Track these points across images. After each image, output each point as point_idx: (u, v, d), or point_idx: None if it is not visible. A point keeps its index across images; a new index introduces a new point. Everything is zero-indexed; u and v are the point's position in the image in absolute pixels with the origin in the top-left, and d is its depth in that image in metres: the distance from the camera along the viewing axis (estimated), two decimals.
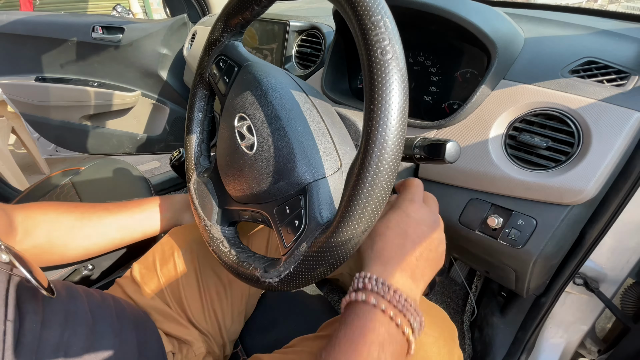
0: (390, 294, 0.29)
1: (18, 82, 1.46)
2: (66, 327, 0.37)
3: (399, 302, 0.29)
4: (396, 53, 0.27)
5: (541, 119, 0.47)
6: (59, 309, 0.38)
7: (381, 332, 0.28)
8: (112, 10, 2.15)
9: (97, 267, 0.83)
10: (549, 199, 0.45)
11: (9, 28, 1.34)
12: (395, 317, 0.29)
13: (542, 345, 0.77)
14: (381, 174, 0.28)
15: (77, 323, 0.39)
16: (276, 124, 0.40)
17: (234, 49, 0.49)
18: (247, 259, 0.43)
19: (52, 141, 1.65)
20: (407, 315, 0.29)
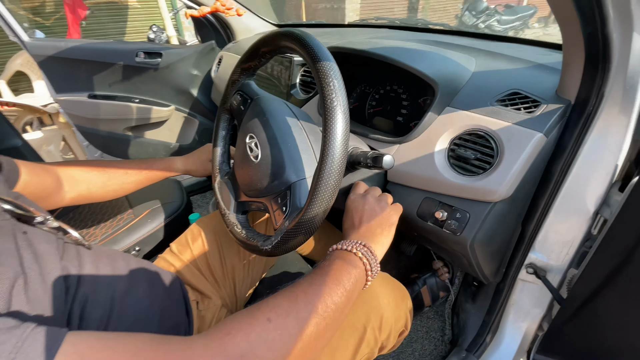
0: (356, 244, 0.49)
1: (74, 99, 1.73)
2: (113, 274, 0.52)
3: (361, 247, 0.48)
4: (339, 102, 0.44)
5: (473, 137, 0.62)
6: (106, 263, 0.53)
7: (347, 258, 0.46)
8: (149, 29, 2.45)
9: (142, 250, 1.04)
10: (477, 197, 0.60)
11: (68, 53, 1.60)
12: (357, 252, 0.47)
13: (505, 327, 0.90)
14: (331, 177, 0.45)
15: (118, 276, 0.53)
16: (273, 142, 0.58)
17: (248, 86, 0.68)
18: (253, 236, 0.61)
19: (100, 148, 1.92)
20: (368, 258, 0.47)
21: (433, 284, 1.13)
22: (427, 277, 1.16)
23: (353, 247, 0.48)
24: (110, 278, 0.52)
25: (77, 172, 0.69)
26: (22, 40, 1.65)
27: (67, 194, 0.67)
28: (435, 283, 1.14)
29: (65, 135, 2.52)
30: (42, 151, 2.27)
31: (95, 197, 0.72)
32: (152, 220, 1.10)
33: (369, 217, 0.54)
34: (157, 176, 0.80)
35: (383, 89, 0.82)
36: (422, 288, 1.14)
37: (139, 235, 1.04)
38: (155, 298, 0.57)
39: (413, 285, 1.15)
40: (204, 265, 0.76)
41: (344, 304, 0.43)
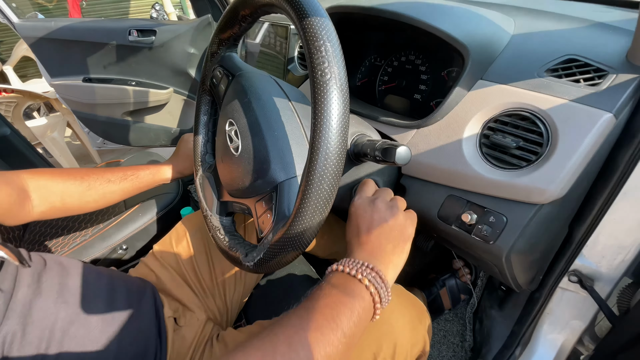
0: (362, 267, 0.37)
1: (69, 83, 1.65)
2: (58, 297, 0.44)
3: (369, 273, 0.36)
4: (334, 74, 0.32)
5: (514, 119, 0.48)
6: (53, 282, 0.45)
7: (349, 287, 0.35)
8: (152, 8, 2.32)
9: (130, 247, 0.96)
10: (517, 197, 0.47)
11: (59, 34, 1.50)
12: (363, 280, 0.36)
13: (538, 340, 0.78)
14: (324, 178, 0.33)
15: (64, 300, 0.45)
16: (256, 130, 0.45)
17: (229, 60, 0.55)
18: (236, 245, 0.50)
19: (100, 135, 1.84)
20: (377, 287, 0.36)
21: (453, 286, 1.01)
22: (446, 278, 1.04)
23: (358, 270, 0.37)
24: (53, 304, 0.43)
25: (48, 181, 0.58)
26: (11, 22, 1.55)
27: (35, 208, 0.56)
28: (455, 285, 1.02)
29: (69, 121, 2.46)
30: (46, 138, 2.22)
31: (72, 209, 0.62)
32: (144, 213, 1.01)
33: (379, 229, 0.42)
34: (145, 184, 0.70)
35: (397, 60, 0.68)
36: (440, 290, 1.03)
37: (128, 231, 0.96)
38: (114, 323, 0.47)
39: (431, 287, 1.04)
40: (190, 271, 0.66)
41: (342, 352, 0.32)
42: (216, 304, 0.67)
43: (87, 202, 0.63)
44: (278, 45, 0.91)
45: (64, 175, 0.61)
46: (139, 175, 0.69)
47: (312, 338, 0.30)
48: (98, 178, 0.64)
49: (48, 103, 2.65)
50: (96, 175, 0.64)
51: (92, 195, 0.63)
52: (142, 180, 0.69)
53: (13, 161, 1.30)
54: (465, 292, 1.02)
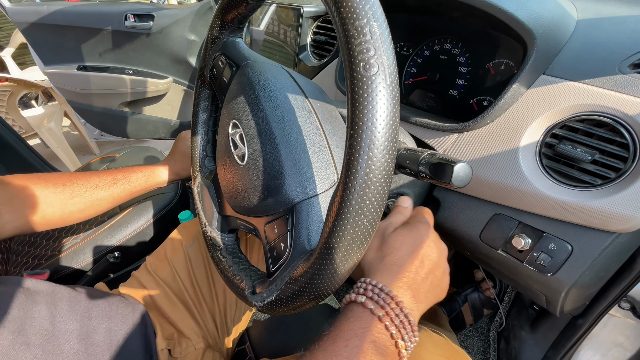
0: (392, 305, 0.28)
1: (62, 71, 1.56)
2: (18, 335, 0.37)
3: (398, 314, 0.28)
4: (383, 66, 0.22)
5: (587, 126, 0.38)
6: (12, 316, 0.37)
7: (368, 339, 0.27)
8: None
9: (124, 253, 0.88)
10: (590, 223, 0.38)
11: (51, 19, 1.40)
12: (390, 327, 0.28)
13: None
14: (365, 213, 0.24)
15: (33, 330, 0.38)
16: (266, 135, 0.36)
17: (233, 46, 0.46)
18: (240, 272, 0.41)
19: (96, 127, 1.76)
20: (401, 329, 0.28)
21: (476, 300, 0.92)
22: (468, 292, 0.95)
23: (385, 317, 0.28)
24: (10, 345, 0.35)
25: (23, 191, 0.49)
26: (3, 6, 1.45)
27: (8, 223, 0.47)
28: (478, 299, 0.93)
29: (67, 111, 2.38)
30: (43, 128, 2.14)
31: (53, 222, 0.52)
32: (139, 216, 0.93)
33: (429, 261, 0.33)
34: (138, 188, 0.61)
35: (429, 49, 0.58)
36: (462, 306, 0.94)
37: (122, 235, 0.88)
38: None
39: (452, 302, 0.95)
40: (188, 287, 0.58)
41: None
42: (216, 325, 0.59)
43: (72, 213, 0.54)
44: (285, 32, 0.81)
45: (41, 183, 0.52)
46: (131, 178, 0.60)
47: None
48: (83, 184, 0.55)
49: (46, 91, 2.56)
50: (81, 181, 0.55)
51: (77, 204, 0.54)
52: (135, 184, 0.60)
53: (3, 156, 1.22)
54: (489, 307, 0.93)
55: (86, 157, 2.49)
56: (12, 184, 0.49)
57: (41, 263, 0.86)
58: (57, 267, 0.84)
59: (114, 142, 2.58)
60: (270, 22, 0.93)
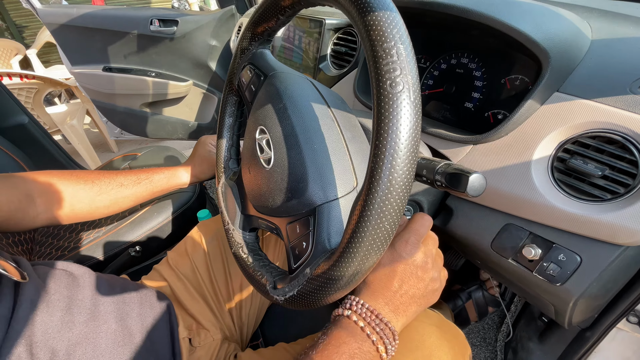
0: (371, 317, 0.34)
1: (89, 72, 1.62)
2: (65, 313, 0.40)
3: (378, 324, 0.34)
4: (408, 84, 0.25)
5: (598, 142, 0.40)
6: (60, 296, 0.41)
7: (354, 346, 0.33)
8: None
9: (144, 248, 0.92)
10: (598, 235, 0.39)
11: (80, 21, 1.47)
12: (371, 335, 0.33)
13: None
14: (384, 216, 0.26)
15: (78, 310, 0.41)
16: (292, 141, 0.39)
17: (262, 57, 0.49)
18: (261, 268, 0.44)
19: (118, 125, 1.83)
20: (382, 336, 0.33)
21: (480, 298, 0.94)
22: (472, 290, 0.97)
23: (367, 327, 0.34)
24: (59, 322, 0.38)
25: (56, 186, 0.53)
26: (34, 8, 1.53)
27: (41, 214, 0.51)
28: (482, 297, 0.95)
29: (89, 109, 2.46)
30: (65, 125, 2.22)
31: (80, 215, 0.57)
32: (159, 213, 0.97)
33: (405, 276, 0.37)
34: (159, 189, 0.65)
35: (446, 63, 0.60)
36: (466, 303, 0.95)
37: (142, 231, 0.92)
38: (125, 345, 0.42)
39: (455, 299, 0.97)
40: (207, 282, 0.61)
41: None
42: (233, 319, 0.61)
43: (98, 208, 0.59)
44: (301, 39, 0.84)
45: (73, 179, 0.56)
46: (153, 179, 0.64)
47: None
48: (110, 182, 0.59)
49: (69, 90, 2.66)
50: (108, 179, 0.60)
51: (103, 201, 0.59)
52: (157, 184, 0.65)
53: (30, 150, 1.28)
54: (494, 305, 0.94)
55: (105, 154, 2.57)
56: (47, 178, 0.53)
57: (64, 254, 0.90)
58: (79, 259, 0.88)
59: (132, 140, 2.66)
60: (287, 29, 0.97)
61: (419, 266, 0.37)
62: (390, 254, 0.37)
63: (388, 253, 0.37)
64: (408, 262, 0.37)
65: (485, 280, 0.97)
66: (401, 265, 0.36)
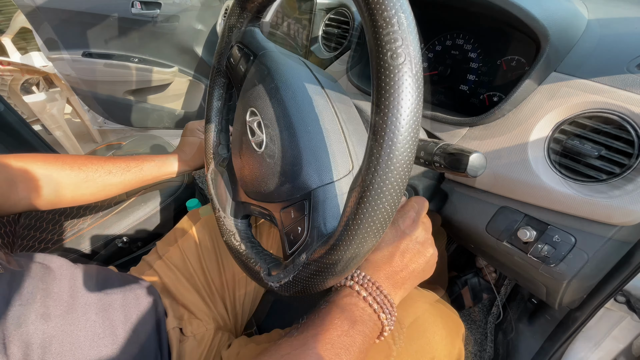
0: (372, 288, 0.35)
1: (67, 57, 1.55)
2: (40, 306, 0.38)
3: (378, 295, 0.34)
4: (410, 56, 0.23)
5: (595, 122, 0.40)
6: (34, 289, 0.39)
7: (356, 313, 0.33)
8: None
9: (131, 239, 0.89)
10: (593, 216, 0.39)
11: (57, 3, 1.39)
12: (372, 304, 0.34)
13: (569, 358, 0.72)
14: (385, 196, 0.25)
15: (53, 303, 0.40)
16: (285, 123, 0.37)
17: (251, 36, 0.46)
18: (255, 256, 0.42)
19: (100, 114, 1.76)
20: (381, 305, 0.34)
21: (476, 285, 0.95)
22: (468, 277, 0.98)
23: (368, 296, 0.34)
24: (33, 315, 0.36)
25: (40, 170, 0.51)
26: None
27: (23, 200, 0.49)
28: (478, 284, 0.97)
29: (69, 97, 2.37)
30: (45, 114, 2.13)
31: (65, 201, 0.55)
32: (146, 203, 0.94)
33: (407, 252, 0.38)
34: (149, 177, 0.63)
35: (440, 44, 0.59)
36: (462, 289, 0.97)
37: (129, 222, 0.89)
38: (107, 338, 0.41)
39: (452, 285, 0.99)
40: (198, 271, 0.60)
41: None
42: (226, 309, 0.60)
43: (83, 195, 0.57)
44: (290, 25, 0.81)
45: (58, 164, 0.53)
46: (144, 167, 0.62)
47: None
48: (98, 169, 0.57)
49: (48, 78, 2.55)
50: (95, 166, 0.57)
51: (90, 188, 0.56)
52: (147, 173, 0.62)
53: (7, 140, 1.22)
54: (488, 292, 0.96)
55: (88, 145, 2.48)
56: (31, 162, 0.50)
57: (48, 247, 0.87)
58: (63, 252, 0.85)
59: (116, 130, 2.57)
60: (275, 15, 0.93)
61: (421, 242, 0.38)
62: (393, 229, 0.38)
63: (391, 229, 0.38)
64: (411, 238, 0.38)
65: (480, 267, 0.99)
66: (404, 241, 0.37)
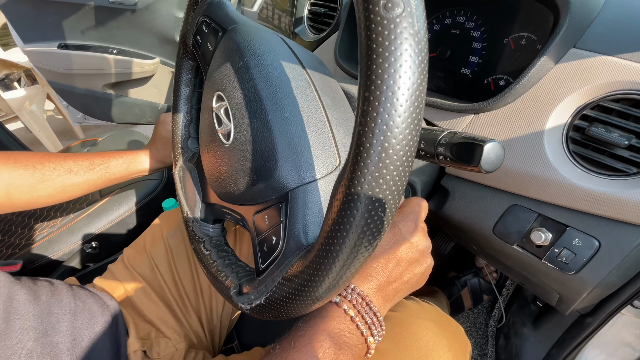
0: (362, 305, 0.30)
1: (42, 50, 1.46)
2: None
3: (367, 313, 0.29)
4: (410, 6, 0.17)
5: (623, 106, 0.34)
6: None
7: (338, 329, 0.29)
8: None
9: (104, 243, 0.82)
10: (624, 216, 0.33)
11: None
12: (361, 326, 0.29)
13: None
14: (377, 198, 0.18)
15: None
16: (256, 108, 0.31)
17: (220, 8, 0.39)
18: (225, 268, 0.36)
19: (79, 109, 1.67)
20: (370, 325, 0.29)
21: (476, 286, 0.90)
22: (468, 277, 0.93)
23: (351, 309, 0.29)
24: None
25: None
26: None
27: None
28: (478, 284, 0.91)
29: (49, 93, 2.27)
30: (24, 111, 2.03)
31: (19, 204, 0.48)
32: (120, 204, 0.87)
33: (404, 261, 0.32)
34: (117, 176, 0.56)
35: (439, 23, 0.52)
36: (462, 291, 0.92)
37: (101, 224, 0.82)
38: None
39: (451, 287, 0.93)
40: (169, 282, 0.53)
41: None
42: (202, 324, 0.54)
43: (40, 197, 0.49)
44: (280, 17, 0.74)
45: (10, 163, 0.46)
46: (110, 165, 0.55)
47: None
48: (56, 167, 0.50)
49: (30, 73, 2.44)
50: (53, 164, 0.50)
51: (47, 189, 0.49)
52: (114, 171, 0.55)
53: None
54: (489, 293, 0.91)
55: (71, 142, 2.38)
56: None
57: (15, 252, 0.80)
58: (31, 257, 0.78)
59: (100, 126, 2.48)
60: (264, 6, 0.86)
61: (420, 250, 0.33)
62: (391, 233, 0.33)
63: (389, 232, 0.33)
64: (411, 245, 0.32)
65: (481, 267, 0.94)
66: (402, 247, 0.32)
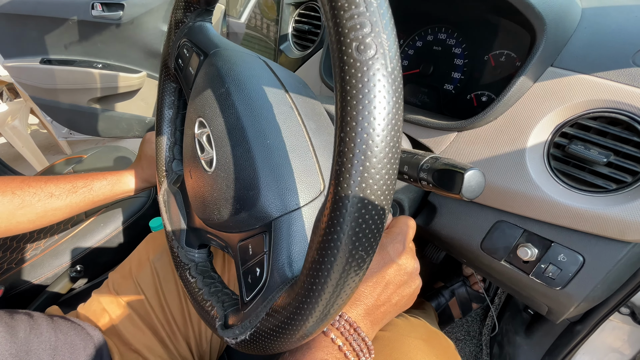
0: (350, 332, 0.29)
1: (24, 65, 1.44)
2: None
3: (356, 339, 0.29)
4: (383, 47, 0.17)
5: (601, 124, 0.34)
6: None
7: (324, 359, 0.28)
8: None
9: (88, 266, 0.80)
10: (605, 232, 0.34)
11: (10, 8, 1.29)
12: (350, 355, 0.28)
13: None
14: (364, 233, 0.18)
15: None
16: (238, 135, 0.30)
17: (201, 32, 0.39)
18: (211, 297, 0.35)
19: (64, 125, 1.65)
20: (359, 353, 0.28)
21: (464, 295, 0.90)
22: (455, 287, 0.93)
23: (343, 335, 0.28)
24: None
25: None
26: None
27: None
28: (466, 293, 0.91)
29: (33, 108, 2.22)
30: (6, 127, 1.98)
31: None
32: (106, 224, 0.85)
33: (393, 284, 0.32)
34: (101, 198, 0.55)
35: (421, 40, 0.53)
36: (450, 301, 0.92)
37: (86, 245, 0.80)
38: None
39: (438, 297, 0.93)
40: (156, 308, 0.52)
41: None
42: (191, 350, 0.52)
43: (19, 223, 0.48)
44: (269, 27, 0.75)
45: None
46: (94, 187, 0.53)
47: None
48: (36, 192, 0.48)
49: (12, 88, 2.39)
50: (33, 189, 0.48)
51: (27, 215, 0.48)
52: (97, 192, 0.54)
53: None
54: (478, 301, 0.91)
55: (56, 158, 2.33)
56: None
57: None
58: (13, 282, 0.75)
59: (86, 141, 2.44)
60: (252, 16, 0.86)
61: (409, 272, 0.33)
62: (379, 256, 0.32)
63: (377, 255, 0.32)
64: (399, 267, 0.32)
65: (468, 275, 0.94)
66: (390, 270, 0.32)
